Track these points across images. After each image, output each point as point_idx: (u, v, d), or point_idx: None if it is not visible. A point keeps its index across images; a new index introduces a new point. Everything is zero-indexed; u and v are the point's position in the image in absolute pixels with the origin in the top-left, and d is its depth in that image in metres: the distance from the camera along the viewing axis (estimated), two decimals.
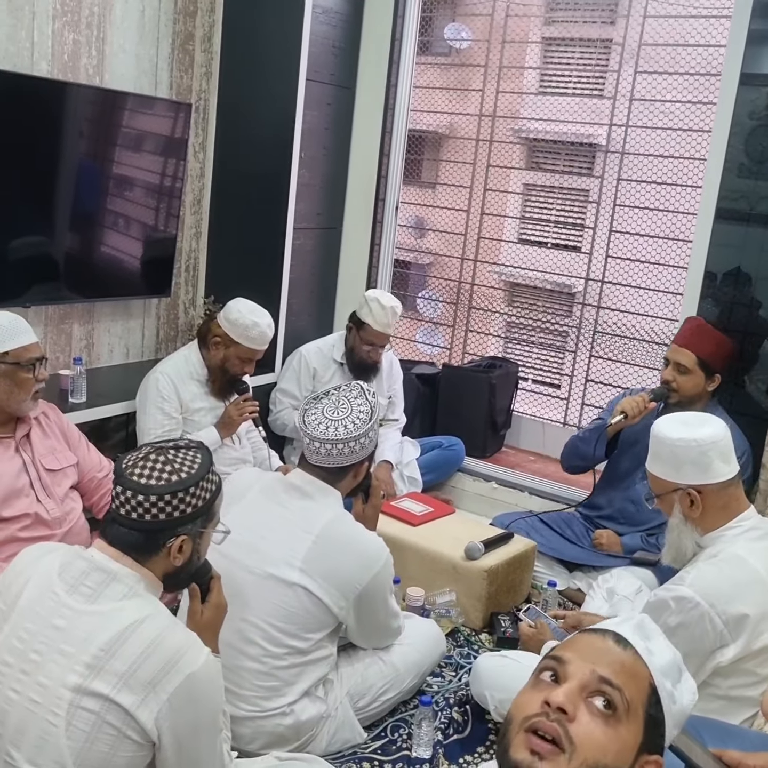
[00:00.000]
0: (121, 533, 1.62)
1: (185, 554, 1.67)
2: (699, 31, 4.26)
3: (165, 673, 1.47)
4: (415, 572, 3.04)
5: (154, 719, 1.46)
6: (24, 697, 1.47)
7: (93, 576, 1.57)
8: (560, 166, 5.84)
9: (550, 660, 1.16)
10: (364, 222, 4.29)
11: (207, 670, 1.54)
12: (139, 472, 1.63)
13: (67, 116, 3.27)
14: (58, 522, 2.58)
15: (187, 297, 4.04)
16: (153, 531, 1.62)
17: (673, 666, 1.21)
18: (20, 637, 1.52)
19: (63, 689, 1.46)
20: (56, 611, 1.53)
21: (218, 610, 1.84)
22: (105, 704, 1.45)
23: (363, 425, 2.25)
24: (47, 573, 1.58)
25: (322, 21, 3.84)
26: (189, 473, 1.65)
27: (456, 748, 2.38)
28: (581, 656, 1.15)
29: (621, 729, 1.10)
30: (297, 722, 2.19)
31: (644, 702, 1.14)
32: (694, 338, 3.21)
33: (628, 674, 1.14)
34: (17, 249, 3.20)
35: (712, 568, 2.09)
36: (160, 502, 1.61)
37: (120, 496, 1.62)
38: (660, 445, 2.23)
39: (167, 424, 3.23)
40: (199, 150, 3.90)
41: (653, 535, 3.22)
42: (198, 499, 1.66)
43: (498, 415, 4.47)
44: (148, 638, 1.50)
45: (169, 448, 1.69)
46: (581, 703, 1.10)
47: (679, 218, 4.41)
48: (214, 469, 1.73)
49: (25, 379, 2.47)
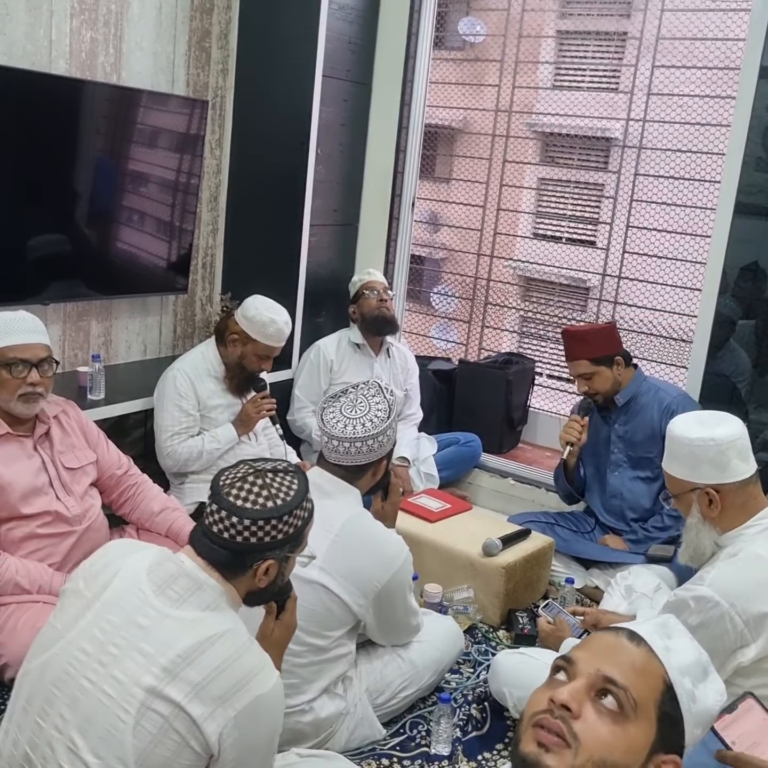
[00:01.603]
0: (210, 548, 1.62)
1: (270, 577, 1.67)
2: (717, 24, 4.22)
3: (236, 691, 1.48)
4: (432, 569, 3.05)
5: (219, 734, 1.46)
6: (97, 687, 1.48)
7: (181, 581, 1.58)
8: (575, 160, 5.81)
9: (561, 660, 1.18)
10: (381, 218, 4.29)
11: (275, 693, 1.55)
12: (236, 493, 1.62)
13: (84, 114, 3.28)
14: (78, 519, 2.60)
15: (204, 294, 4.05)
16: (242, 552, 1.62)
17: (696, 665, 1.20)
18: (102, 627, 1.53)
19: (137, 688, 1.47)
20: (141, 609, 1.54)
21: (288, 630, 1.86)
22: (175, 710, 1.46)
23: (381, 423, 2.26)
24: (136, 570, 1.60)
25: (339, 17, 3.83)
26: (285, 500, 1.64)
27: (475, 745, 2.39)
28: (591, 655, 1.16)
29: (629, 727, 1.11)
30: (316, 719, 2.20)
31: (656, 700, 1.14)
32: (574, 347, 3.37)
33: (638, 672, 1.14)
34: (36, 247, 3.22)
35: (732, 568, 2.08)
36: (253, 526, 1.61)
37: (214, 514, 1.62)
38: (677, 446, 2.22)
39: (185, 421, 3.25)
40: (216, 147, 3.91)
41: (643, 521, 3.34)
42: (290, 526, 1.66)
43: (515, 411, 4.46)
44: (225, 654, 1.51)
45: (267, 471, 1.68)
46: (587, 701, 1.12)
47: (697, 213, 4.38)
48: (309, 496, 1.72)
49: (5, 379, 2.45)
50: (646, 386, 3.39)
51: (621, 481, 3.41)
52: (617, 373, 3.34)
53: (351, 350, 3.95)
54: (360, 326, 3.92)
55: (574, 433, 3.36)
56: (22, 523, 2.50)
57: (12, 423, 2.52)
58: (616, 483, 3.42)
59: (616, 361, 3.34)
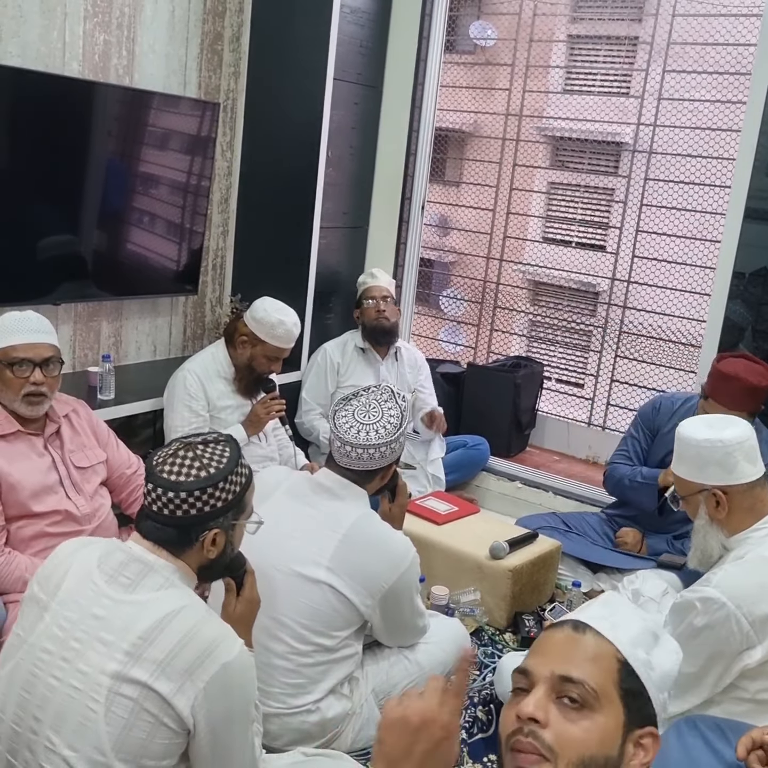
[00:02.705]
0: (154, 528, 1.64)
1: (219, 547, 1.69)
2: (728, 29, 4.23)
3: (201, 662, 1.50)
4: (439, 571, 3.05)
5: (191, 707, 1.48)
6: (65, 684, 1.50)
7: (131, 567, 1.60)
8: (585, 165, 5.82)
9: (517, 674, 1.17)
10: (390, 221, 4.30)
11: (241, 660, 1.56)
12: (168, 469, 1.65)
13: (97, 116, 3.30)
14: (88, 518, 2.61)
15: (214, 295, 4.07)
16: (185, 526, 1.64)
17: (644, 633, 1.21)
18: (61, 625, 1.55)
19: (102, 676, 1.48)
20: (96, 601, 1.56)
21: (251, 604, 1.87)
22: (143, 691, 1.48)
23: (394, 430, 2.26)
24: (86, 564, 1.62)
25: (350, 21, 3.85)
26: (218, 468, 1.67)
27: (480, 747, 2.39)
28: (542, 659, 1.16)
29: (597, 717, 1.11)
30: (323, 719, 2.20)
31: (615, 680, 1.14)
32: (743, 399, 3.02)
33: (590, 660, 1.14)
34: (47, 248, 3.24)
35: (739, 570, 2.08)
36: (190, 498, 1.63)
37: (151, 493, 1.65)
38: (685, 447, 2.22)
39: (194, 422, 3.26)
40: (227, 149, 3.93)
41: (680, 539, 3.20)
42: (228, 492, 1.68)
43: (523, 414, 4.47)
44: (184, 628, 1.52)
45: (197, 444, 1.71)
46: (551, 705, 1.11)
47: (706, 218, 4.38)
48: (243, 461, 1.74)
49: (8, 378, 2.46)
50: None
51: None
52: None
53: (356, 354, 3.96)
54: (362, 331, 3.95)
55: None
56: (32, 521, 2.51)
57: (22, 422, 2.53)
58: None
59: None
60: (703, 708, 2.05)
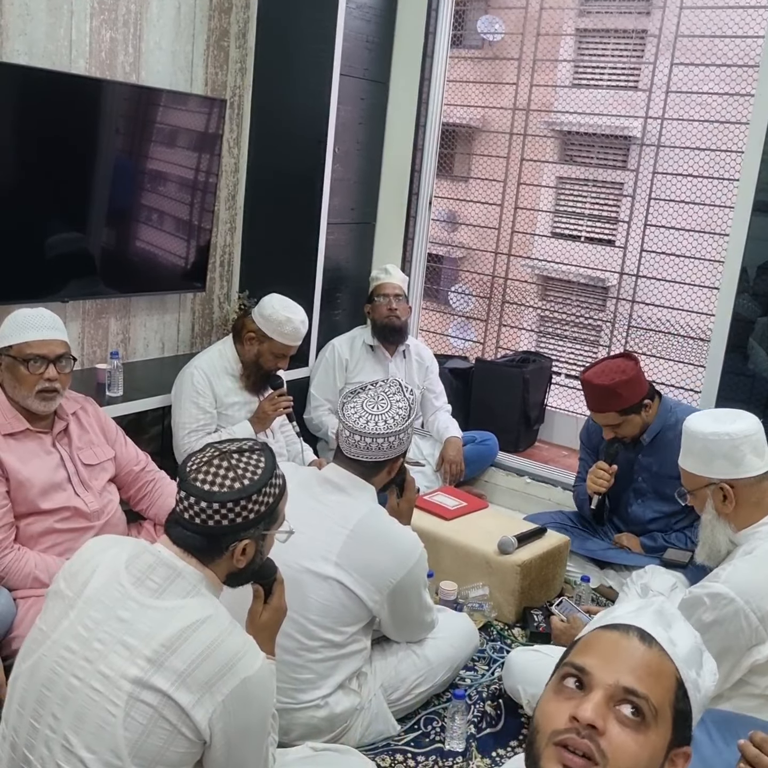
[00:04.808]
0: (184, 535, 1.63)
1: (248, 556, 1.68)
2: (736, 21, 4.20)
3: (221, 676, 1.50)
4: (448, 566, 3.05)
5: (208, 720, 1.48)
6: (86, 684, 1.50)
7: (159, 571, 1.59)
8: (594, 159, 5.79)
9: (572, 668, 1.14)
10: (398, 216, 4.29)
11: (261, 675, 1.56)
12: (202, 477, 1.63)
13: (103, 113, 3.31)
14: (97, 515, 2.62)
15: (221, 292, 4.07)
16: (216, 536, 1.63)
17: (694, 652, 1.19)
18: (85, 625, 1.55)
19: (123, 680, 1.48)
20: (121, 603, 1.55)
21: (277, 613, 1.86)
22: (163, 700, 1.47)
23: (403, 421, 2.27)
24: (114, 564, 1.61)
25: (356, 16, 3.84)
26: (252, 479, 1.64)
27: (489, 742, 2.39)
28: (605, 662, 1.12)
29: (651, 734, 1.09)
30: (331, 714, 2.21)
31: (671, 700, 1.12)
32: (601, 401, 3.14)
33: (654, 676, 1.12)
34: (55, 245, 3.25)
35: (747, 565, 2.08)
36: (223, 509, 1.61)
37: (184, 501, 1.63)
38: (692, 441, 2.22)
39: (202, 419, 3.26)
40: (234, 145, 3.93)
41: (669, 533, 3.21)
42: (261, 504, 1.66)
43: (531, 409, 4.46)
44: (207, 639, 1.52)
45: (233, 452, 1.68)
46: (609, 713, 1.09)
47: (715, 211, 4.36)
48: (278, 471, 1.72)
49: (23, 374, 2.47)
50: (673, 419, 3.12)
51: (644, 511, 3.27)
52: (645, 415, 3.15)
53: (365, 350, 3.96)
54: (372, 328, 3.94)
55: (603, 483, 3.18)
56: (41, 518, 2.52)
57: (31, 419, 2.54)
58: (639, 512, 3.28)
59: (646, 404, 3.14)
60: (713, 703, 2.05)
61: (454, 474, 3.87)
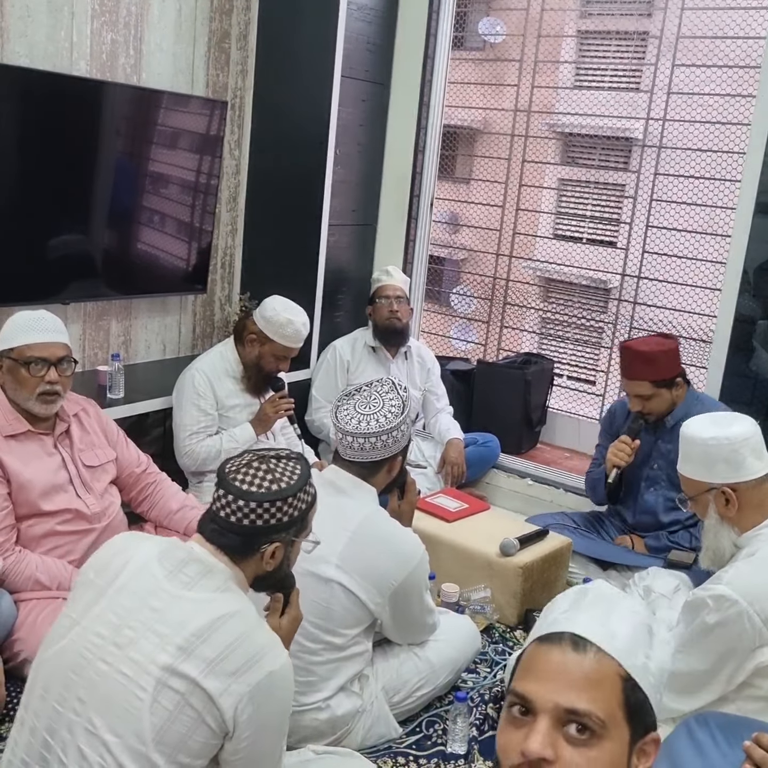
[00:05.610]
0: (219, 533, 1.67)
1: (277, 560, 1.72)
2: (738, 22, 4.20)
3: (249, 667, 1.53)
4: (449, 568, 3.04)
5: (234, 708, 1.51)
6: (114, 669, 1.52)
7: (191, 566, 1.63)
8: (595, 160, 5.80)
9: (515, 697, 1.11)
10: (399, 218, 4.29)
11: (285, 671, 1.60)
12: (241, 477, 1.69)
13: (105, 115, 3.31)
14: (98, 517, 2.61)
15: (223, 294, 4.07)
16: (249, 535, 1.68)
17: (639, 631, 1.15)
18: (116, 612, 1.58)
19: (153, 666, 1.51)
20: (154, 593, 1.59)
21: (294, 622, 1.89)
22: (191, 687, 1.50)
23: (395, 418, 2.27)
24: (147, 557, 1.65)
25: (357, 18, 3.84)
26: (288, 483, 1.71)
27: (491, 745, 2.38)
28: (542, 685, 1.09)
29: (605, 744, 1.06)
30: (333, 717, 2.20)
31: (620, 700, 1.08)
32: (637, 367, 3.15)
33: (594, 684, 1.08)
34: (56, 247, 3.25)
35: (750, 567, 2.07)
36: (259, 509, 1.67)
37: (221, 499, 1.68)
38: (691, 446, 2.21)
39: (203, 421, 3.26)
40: (235, 147, 3.93)
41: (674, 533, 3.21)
42: (294, 509, 1.72)
43: (533, 411, 4.45)
44: (237, 631, 1.55)
45: (271, 457, 1.76)
46: (558, 736, 1.06)
47: (717, 213, 4.36)
48: (311, 481, 1.78)
49: (24, 377, 2.47)
50: (698, 408, 3.03)
51: (656, 500, 3.25)
52: (675, 395, 3.16)
53: (367, 352, 3.96)
54: (373, 330, 3.94)
55: (624, 457, 3.16)
56: (42, 520, 2.52)
57: (32, 421, 2.54)
58: (651, 500, 3.26)
59: (678, 383, 3.14)
60: (717, 706, 2.05)
61: (456, 476, 3.86)
